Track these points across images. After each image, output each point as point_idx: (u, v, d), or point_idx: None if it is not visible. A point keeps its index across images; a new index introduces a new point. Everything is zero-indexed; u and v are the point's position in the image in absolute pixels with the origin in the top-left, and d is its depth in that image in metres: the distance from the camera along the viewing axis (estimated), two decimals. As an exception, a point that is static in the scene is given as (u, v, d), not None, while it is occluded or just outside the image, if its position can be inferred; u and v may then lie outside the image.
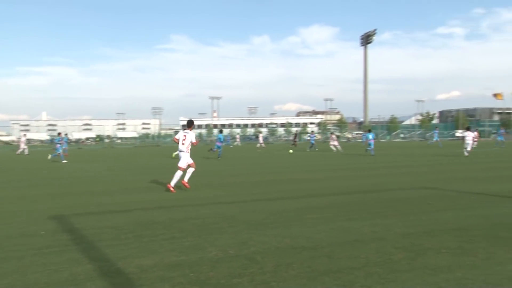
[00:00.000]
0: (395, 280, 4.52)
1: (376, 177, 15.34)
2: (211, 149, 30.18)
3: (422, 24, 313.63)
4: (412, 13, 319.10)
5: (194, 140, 12.35)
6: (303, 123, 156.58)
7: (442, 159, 25.12)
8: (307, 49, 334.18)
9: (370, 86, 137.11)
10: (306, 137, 41.60)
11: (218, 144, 29.31)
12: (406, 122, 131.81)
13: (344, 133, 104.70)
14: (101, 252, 5.80)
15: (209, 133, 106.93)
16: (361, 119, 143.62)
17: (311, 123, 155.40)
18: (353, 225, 7.19)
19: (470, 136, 27.18)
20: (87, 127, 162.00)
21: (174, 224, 7.52)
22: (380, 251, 5.57)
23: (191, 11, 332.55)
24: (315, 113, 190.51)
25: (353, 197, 10.43)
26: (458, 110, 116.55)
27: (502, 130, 45.05)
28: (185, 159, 12.29)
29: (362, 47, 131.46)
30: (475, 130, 34.56)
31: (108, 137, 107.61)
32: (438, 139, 46.48)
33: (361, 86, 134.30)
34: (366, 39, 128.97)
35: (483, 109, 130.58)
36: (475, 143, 35.62)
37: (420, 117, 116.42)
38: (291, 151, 38.03)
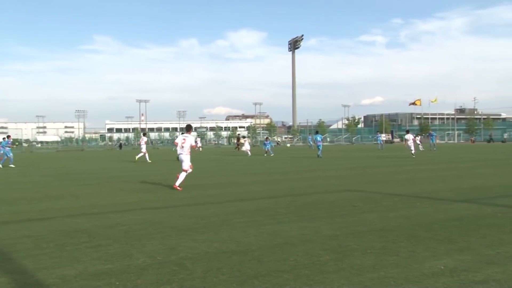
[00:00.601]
0: (322, 281, 4.60)
1: (305, 180, 15.67)
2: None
3: (346, 31, 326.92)
4: (337, 20, 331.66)
5: (193, 143, 13.49)
6: (233, 127, 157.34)
7: (369, 162, 26.15)
8: (236, 53, 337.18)
9: (298, 91, 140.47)
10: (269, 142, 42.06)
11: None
12: (333, 126, 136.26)
13: (274, 137, 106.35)
14: (18, 264, 5.42)
15: (137, 137, 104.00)
16: (290, 123, 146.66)
17: (241, 127, 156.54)
18: (282, 228, 7.27)
19: (410, 139, 29.40)
20: (2, 130, 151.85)
21: (99, 231, 7.22)
22: (309, 253, 5.67)
23: (114, 11, 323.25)
24: (245, 117, 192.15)
25: (282, 201, 10.55)
26: (381, 115, 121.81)
27: (434, 134, 48.84)
28: (186, 162, 13.13)
29: (290, 52, 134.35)
30: (417, 135, 38.08)
31: (27, 141, 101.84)
32: (382, 142, 51.49)
33: (289, 91, 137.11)
34: (294, 45, 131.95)
35: (404, 114, 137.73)
36: (420, 145, 38.31)
37: (346, 122, 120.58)
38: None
